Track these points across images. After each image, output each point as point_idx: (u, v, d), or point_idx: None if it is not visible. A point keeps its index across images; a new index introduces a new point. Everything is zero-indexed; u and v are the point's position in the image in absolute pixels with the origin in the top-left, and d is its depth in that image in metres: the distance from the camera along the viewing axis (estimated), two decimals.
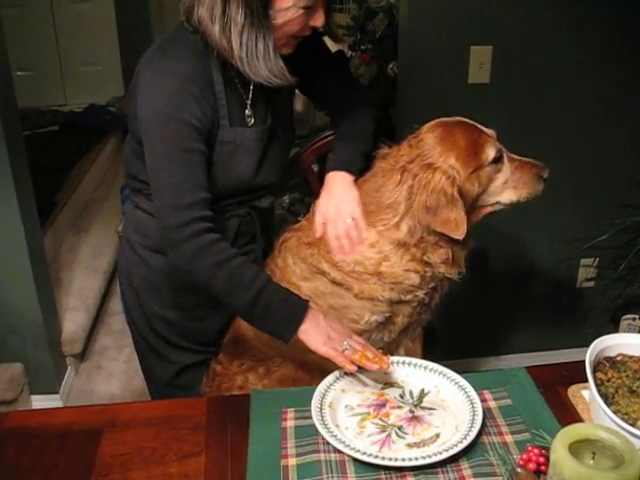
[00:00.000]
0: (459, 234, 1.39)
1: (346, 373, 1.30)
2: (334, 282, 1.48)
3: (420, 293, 1.48)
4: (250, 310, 1.32)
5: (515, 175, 1.46)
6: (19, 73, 5.04)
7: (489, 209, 1.49)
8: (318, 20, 1.35)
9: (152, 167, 1.35)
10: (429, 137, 1.43)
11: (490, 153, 1.42)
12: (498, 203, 1.48)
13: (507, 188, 1.46)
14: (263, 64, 1.32)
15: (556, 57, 2.32)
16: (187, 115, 1.32)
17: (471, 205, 1.44)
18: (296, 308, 1.31)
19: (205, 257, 1.31)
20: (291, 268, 1.52)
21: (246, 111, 1.46)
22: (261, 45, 1.30)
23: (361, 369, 1.30)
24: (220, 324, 1.63)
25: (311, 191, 1.91)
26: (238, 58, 1.31)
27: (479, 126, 1.46)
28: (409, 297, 1.49)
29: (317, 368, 1.45)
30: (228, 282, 1.31)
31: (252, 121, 1.47)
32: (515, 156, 1.49)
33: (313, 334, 1.29)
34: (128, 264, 1.63)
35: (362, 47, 3.08)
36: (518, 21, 2.25)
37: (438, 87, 2.29)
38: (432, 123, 1.47)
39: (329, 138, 1.80)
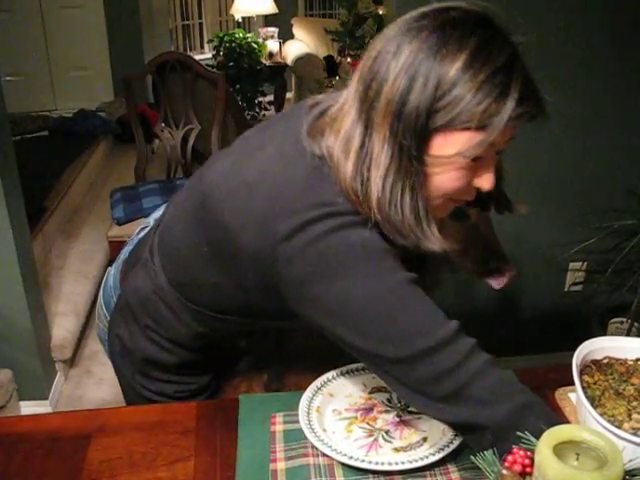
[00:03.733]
0: None
1: (334, 377, 1.31)
2: None
3: None
4: None
5: None
6: (8, 78, 5.04)
7: None
8: (486, 180, 1.02)
9: (379, 316, 1.00)
10: None
11: None
12: None
13: None
14: (409, 224, 0.99)
15: (545, 61, 2.33)
16: (385, 244, 1.02)
17: None
18: None
19: (503, 400, 1.00)
20: None
21: None
22: (408, 199, 0.98)
23: (349, 373, 1.31)
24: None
25: None
26: (376, 208, 0.98)
27: None
28: None
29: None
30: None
31: None
32: None
33: None
34: (137, 346, 1.35)
35: (351, 53, 3.09)
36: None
37: None
38: None
39: None
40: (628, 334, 2.46)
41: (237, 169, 1.12)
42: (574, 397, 1.23)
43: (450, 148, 0.95)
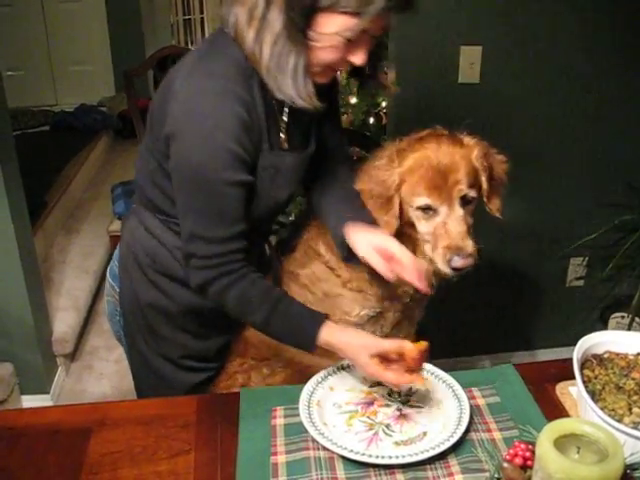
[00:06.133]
0: (386, 232, 1.39)
1: (334, 371, 1.31)
2: (328, 266, 1.50)
3: (410, 289, 1.48)
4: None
5: (434, 239, 1.39)
6: (9, 73, 5.02)
7: None
8: (359, 57, 1.23)
9: (188, 194, 1.27)
10: (419, 146, 1.42)
11: (417, 202, 1.39)
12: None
13: (426, 242, 1.41)
14: (290, 82, 1.21)
15: (545, 56, 2.33)
16: (234, 145, 1.22)
17: (408, 222, 1.43)
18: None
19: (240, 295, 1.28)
20: (291, 255, 1.57)
21: (281, 134, 1.36)
22: (292, 61, 1.19)
23: (350, 367, 1.31)
24: (224, 340, 1.56)
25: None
26: (265, 68, 1.22)
27: (452, 175, 1.37)
28: (399, 291, 1.50)
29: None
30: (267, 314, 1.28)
31: (286, 145, 1.37)
32: (456, 221, 1.37)
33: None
34: (136, 286, 1.49)
35: None
36: (507, 21, 2.26)
37: (429, 87, 2.30)
38: (433, 139, 1.42)
39: None
40: (629, 329, 2.46)
41: None
42: (575, 391, 1.23)
43: (330, 27, 1.17)
